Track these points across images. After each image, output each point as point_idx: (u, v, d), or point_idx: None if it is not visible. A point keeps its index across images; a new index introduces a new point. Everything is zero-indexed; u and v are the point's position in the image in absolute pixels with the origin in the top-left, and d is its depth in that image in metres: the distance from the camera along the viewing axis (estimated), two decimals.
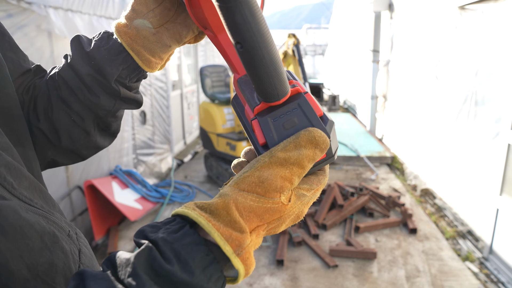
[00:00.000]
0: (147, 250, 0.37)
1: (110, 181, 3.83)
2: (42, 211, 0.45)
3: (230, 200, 0.40)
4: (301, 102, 0.44)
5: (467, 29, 3.84)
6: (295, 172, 0.41)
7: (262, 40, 0.38)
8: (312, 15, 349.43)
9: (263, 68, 0.40)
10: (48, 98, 0.66)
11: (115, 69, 0.63)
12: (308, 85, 4.53)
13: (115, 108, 0.68)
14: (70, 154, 0.71)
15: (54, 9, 2.94)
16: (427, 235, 3.66)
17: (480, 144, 3.52)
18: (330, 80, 15.35)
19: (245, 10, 0.35)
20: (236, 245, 0.38)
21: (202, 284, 0.37)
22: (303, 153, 0.41)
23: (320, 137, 0.42)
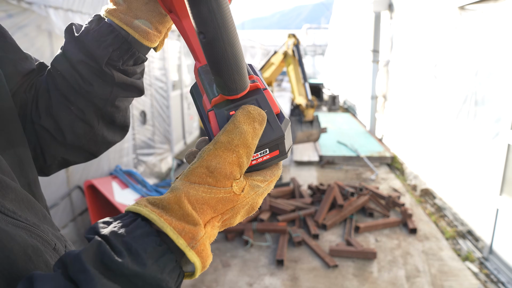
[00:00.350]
0: (95, 244, 0.36)
1: (110, 181, 3.83)
2: (26, 224, 0.44)
3: (181, 194, 0.39)
4: (259, 98, 0.44)
5: (467, 29, 3.84)
6: (242, 153, 0.41)
7: (226, 33, 0.37)
8: (312, 15, 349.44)
9: (224, 61, 0.39)
10: (48, 94, 0.64)
11: (104, 50, 0.60)
12: (308, 86, 4.53)
13: (112, 96, 0.64)
14: (79, 151, 0.68)
15: (54, 9, 2.94)
16: (427, 235, 3.66)
17: (480, 144, 3.52)
18: (330, 80, 15.36)
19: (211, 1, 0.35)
20: (190, 238, 0.38)
21: (156, 274, 0.36)
22: (244, 130, 0.41)
23: (254, 110, 0.42)
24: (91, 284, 0.33)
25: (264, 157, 0.45)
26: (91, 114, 0.65)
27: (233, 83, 0.41)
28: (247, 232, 3.57)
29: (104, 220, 0.40)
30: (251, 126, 0.41)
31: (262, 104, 0.44)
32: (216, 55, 0.39)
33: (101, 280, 0.33)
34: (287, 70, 4.77)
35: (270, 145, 0.44)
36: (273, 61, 4.94)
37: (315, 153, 6.30)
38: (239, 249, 3.43)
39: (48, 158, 0.66)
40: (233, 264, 3.20)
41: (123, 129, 0.72)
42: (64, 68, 0.62)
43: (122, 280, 0.34)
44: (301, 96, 4.53)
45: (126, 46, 0.61)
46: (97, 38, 0.60)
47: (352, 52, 10.27)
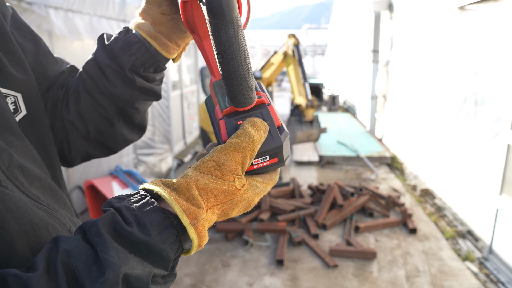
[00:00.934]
0: (110, 214, 0.42)
1: (110, 181, 3.83)
2: (47, 207, 0.51)
3: (191, 180, 0.46)
4: (264, 112, 0.51)
5: (467, 29, 3.85)
6: (247, 154, 0.47)
7: (240, 56, 0.45)
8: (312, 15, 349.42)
9: (237, 78, 0.46)
10: (78, 93, 0.73)
11: (129, 58, 0.68)
12: (308, 86, 4.53)
13: (133, 98, 0.72)
14: (100, 146, 0.77)
15: (54, 9, 2.94)
16: (427, 235, 3.66)
17: (480, 144, 3.53)
18: (330, 80, 15.36)
19: (230, 29, 0.42)
20: (193, 217, 0.44)
21: (158, 244, 0.42)
22: (252, 135, 0.48)
23: (259, 121, 0.49)
24: (104, 246, 0.39)
25: (264, 163, 0.51)
26: (113, 113, 0.73)
27: (242, 97, 0.49)
28: (247, 232, 3.57)
29: (118, 196, 0.46)
30: (258, 133, 0.48)
31: (265, 117, 0.51)
32: (230, 72, 0.46)
33: (112, 243, 0.39)
34: (287, 70, 4.77)
35: (270, 153, 0.51)
36: (273, 61, 4.94)
37: (315, 153, 6.30)
38: (239, 249, 3.43)
39: (73, 150, 0.75)
40: (233, 264, 3.20)
41: (141, 129, 0.81)
42: (93, 71, 0.71)
43: (130, 246, 0.41)
44: (301, 96, 4.53)
45: (148, 55, 0.69)
46: (124, 47, 0.69)
47: (352, 52, 10.27)
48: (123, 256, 0.39)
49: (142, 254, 0.41)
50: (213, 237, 3.61)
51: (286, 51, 4.65)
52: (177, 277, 3.14)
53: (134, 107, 0.74)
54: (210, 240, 3.57)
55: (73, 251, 0.38)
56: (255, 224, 3.67)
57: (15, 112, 0.58)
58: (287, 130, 0.52)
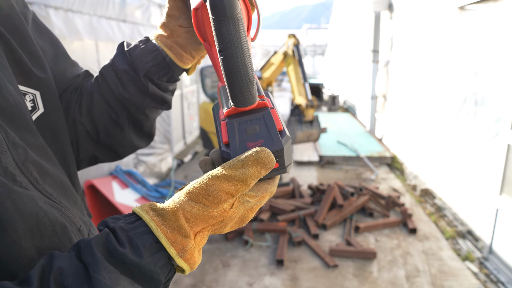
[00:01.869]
0: (104, 234, 0.42)
1: (110, 181, 3.83)
2: (59, 205, 0.53)
3: (179, 208, 0.45)
4: (265, 114, 0.50)
5: (467, 29, 3.85)
6: (239, 188, 0.46)
7: (240, 52, 0.45)
8: (312, 15, 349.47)
9: (237, 76, 0.46)
10: (92, 96, 0.75)
11: (145, 65, 0.71)
12: (308, 86, 4.53)
13: (144, 104, 0.75)
14: (108, 150, 0.80)
15: (54, 9, 2.94)
16: (427, 235, 3.66)
17: (480, 144, 3.53)
18: (330, 80, 15.36)
19: (230, 25, 0.43)
20: (180, 248, 0.44)
21: (150, 266, 0.42)
22: (248, 172, 0.45)
23: (267, 157, 0.46)
24: (96, 266, 0.39)
25: None
26: (124, 118, 0.76)
27: (242, 95, 0.48)
28: (247, 232, 3.57)
29: (114, 217, 0.47)
30: (257, 171, 0.46)
31: (267, 120, 0.50)
32: (230, 69, 0.46)
33: (104, 263, 0.40)
34: (287, 70, 4.77)
35: None
36: (273, 61, 4.93)
37: (315, 153, 6.30)
38: (239, 249, 3.43)
39: (81, 152, 0.77)
40: (233, 264, 3.21)
41: (149, 137, 0.83)
42: (109, 75, 0.74)
43: (122, 266, 0.41)
44: (301, 96, 4.53)
45: (164, 64, 0.72)
46: (142, 54, 0.72)
47: (352, 52, 10.27)
48: (114, 277, 0.40)
49: (134, 276, 0.42)
50: (213, 237, 3.61)
51: (286, 51, 4.65)
52: (177, 277, 3.13)
53: (144, 114, 0.77)
54: (210, 240, 3.57)
55: (66, 269, 0.39)
56: (255, 224, 3.67)
57: (33, 110, 0.60)
58: (289, 135, 0.51)
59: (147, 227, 0.44)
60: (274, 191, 0.52)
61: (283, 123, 0.52)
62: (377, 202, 4.24)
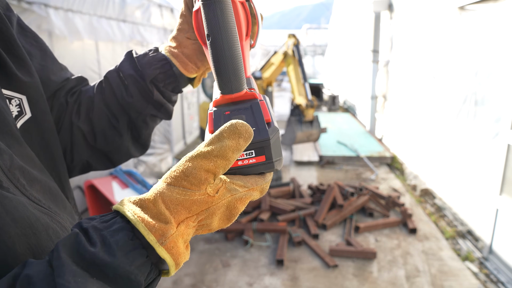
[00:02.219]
0: (73, 235, 0.39)
1: (110, 181, 3.83)
2: (49, 210, 0.51)
3: (157, 195, 0.42)
4: (254, 105, 0.49)
5: (467, 29, 3.85)
6: (219, 164, 0.43)
7: (226, 36, 0.45)
8: (312, 15, 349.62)
9: (222, 60, 0.46)
10: (92, 101, 0.75)
11: (153, 71, 0.73)
12: (308, 86, 4.53)
13: (146, 111, 0.75)
14: (103, 157, 0.79)
15: (54, 9, 2.94)
16: (427, 235, 3.66)
17: (480, 144, 3.53)
18: (330, 80, 15.36)
19: (217, 8, 0.45)
20: (160, 235, 0.40)
21: (124, 266, 0.38)
22: (225, 145, 0.43)
23: (242, 127, 0.43)
24: (61, 270, 0.36)
25: (250, 160, 0.47)
26: (123, 123, 0.76)
27: (228, 81, 0.47)
28: (247, 232, 3.57)
29: (91, 217, 0.43)
30: (235, 141, 0.43)
31: (254, 110, 0.48)
32: (217, 53, 0.46)
33: (70, 267, 0.36)
34: (287, 70, 4.77)
35: (256, 147, 0.47)
36: (273, 61, 4.93)
37: (315, 153, 6.30)
38: (239, 249, 3.43)
39: (75, 158, 0.76)
40: (233, 264, 3.21)
41: (144, 147, 0.84)
42: (114, 79, 0.75)
43: (93, 268, 0.37)
44: (301, 96, 4.53)
45: (171, 73, 0.75)
46: (151, 61, 0.74)
47: (352, 52, 10.27)
48: (80, 281, 0.36)
49: (108, 278, 0.38)
50: (213, 237, 3.61)
51: (286, 51, 4.65)
52: (177, 277, 3.14)
53: (144, 121, 0.77)
54: (210, 240, 3.58)
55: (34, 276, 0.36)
56: (255, 224, 3.67)
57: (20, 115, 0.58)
58: (277, 127, 0.48)
59: (123, 223, 0.40)
60: (266, 188, 0.49)
61: (272, 115, 0.50)
62: (377, 202, 4.24)
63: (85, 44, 3.53)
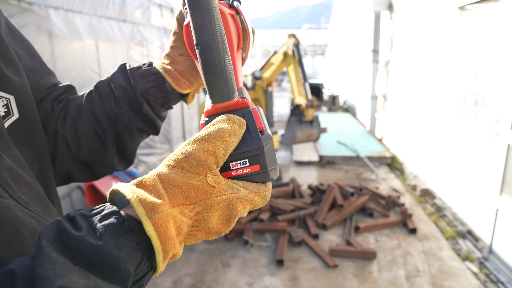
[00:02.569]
0: (55, 223, 0.36)
1: (110, 181, 3.83)
2: (36, 214, 0.48)
3: (155, 173, 0.42)
4: (246, 113, 0.49)
5: (467, 29, 3.85)
6: (218, 145, 0.43)
7: (215, 43, 0.45)
8: (312, 15, 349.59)
9: (212, 67, 0.46)
10: (80, 110, 0.74)
11: (144, 84, 0.73)
12: (308, 86, 4.53)
13: (133, 123, 0.74)
14: (86, 168, 0.76)
15: (54, 9, 2.94)
16: (427, 235, 3.66)
17: (480, 144, 3.53)
18: (330, 80, 15.36)
19: (205, 16, 0.44)
20: (150, 208, 0.38)
21: (112, 251, 0.35)
22: (221, 126, 0.44)
23: (234, 116, 0.46)
24: (40, 259, 0.33)
25: (244, 170, 0.47)
26: (110, 135, 0.74)
27: (219, 89, 0.47)
28: (247, 232, 3.57)
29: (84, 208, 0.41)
30: (230, 125, 0.45)
31: (247, 118, 0.48)
32: (206, 61, 0.46)
33: (50, 254, 0.33)
34: (287, 70, 4.77)
35: (249, 155, 0.46)
36: (273, 61, 4.93)
37: (315, 153, 6.30)
38: (239, 249, 3.43)
39: (57, 167, 0.73)
40: (233, 264, 3.21)
41: (128, 161, 0.81)
42: (104, 89, 0.74)
43: (77, 256, 0.34)
44: (301, 96, 4.53)
45: (162, 88, 0.74)
46: (144, 74, 0.73)
47: (352, 52, 10.27)
48: (60, 268, 0.33)
49: (93, 266, 0.34)
50: None
51: (286, 51, 4.65)
52: (177, 277, 3.13)
53: (131, 134, 0.75)
54: (210, 240, 3.58)
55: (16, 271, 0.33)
56: (255, 224, 3.67)
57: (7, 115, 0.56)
58: (270, 134, 0.48)
59: (112, 209, 0.38)
60: (268, 195, 0.48)
61: (265, 123, 0.50)
62: (377, 202, 4.24)
63: (85, 44, 3.53)
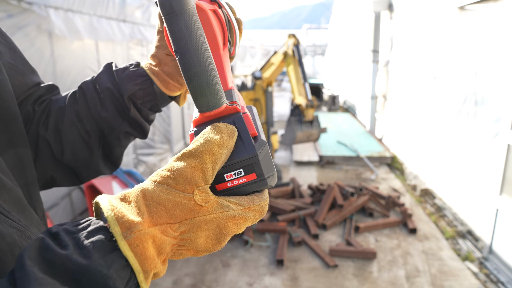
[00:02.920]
0: (38, 240, 0.34)
1: (110, 181, 3.83)
2: (19, 224, 0.45)
3: (139, 189, 0.39)
4: (236, 119, 0.45)
5: (467, 29, 3.85)
6: (206, 159, 0.40)
7: (194, 50, 0.41)
8: (312, 15, 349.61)
9: (195, 76, 0.42)
10: (63, 112, 0.69)
11: (132, 87, 0.69)
12: (308, 86, 4.53)
13: (120, 127, 0.70)
14: (70, 173, 0.72)
15: (54, 9, 2.94)
16: (427, 235, 3.66)
17: (480, 144, 3.53)
18: (330, 80, 15.36)
19: (180, 21, 0.41)
20: (126, 227, 0.35)
21: (101, 269, 0.33)
22: (209, 138, 0.41)
23: (223, 125, 0.43)
24: (24, 280, 0.31)
25: (240, 180, 0.44)
26: (95, 139, 0.70)
27: (204, 98, 0.44)
28: (247, 232, 3.57)
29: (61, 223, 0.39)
30: (219, 136, 0.41)
31: (238, 125, 0.45)
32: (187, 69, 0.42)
33: (36, 275, 0.31)
34: (287, 70, 4.77)
35: (244, 165, 0.43)
36: (273, 61, 4.94)
37: (315, 153, 6.30)
38: (239, 249, 3.43)
39: (39, 172, 0.68)
40: (233, 264, 3.21)
41: (114, 165, 0.77)
42: (89, 91, 0.70)
43: (64, 275, 0.32)
44: (301, 96, 4.53)
45: (151, 91, 0.71)
46: (131, 76, 0.70)
47: (352, 52, 10.27)
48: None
49: (81, 286, 0.33)
50: None
51: (286, 51, 4.65)
52: (177, 277, 3.13)
53: (118, 138, 0.72)
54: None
55: None
56: (255, 224, 3.67)
57: None
58: (264, 140, 0.45)
59: (99, 224, 0.36)
60: (265, 208, 0.45)
61: (258, 128, 0.47)
62: (377, 202, 4.24)
63: (85, 44, 3.53)
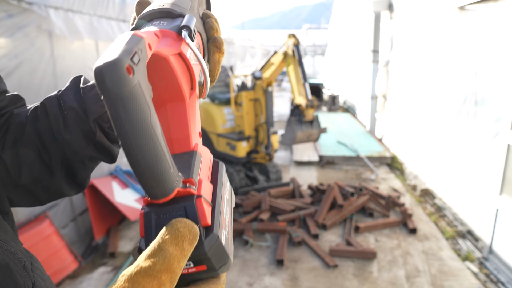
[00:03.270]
0: None
1: (110, 181, 3.83)
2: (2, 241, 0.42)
3: None
4: (188, 207, 0.40)
5: (467, 29, 3.85)
6: (164, 279, 0.36)
7: (136, 140, 0.35)
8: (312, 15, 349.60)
9: (138, 167, 0.37)
10: (23, 129, 0.62)
11: (98, 108, 0.61)
12: (308, 86, 4.54)
13: (85, 152, 0.63)
14: (28, 195, 0.65)
15: (54, 9, 2.94)
16: (427, 235, 3.66)
17: (480, 144, 3.53)
18: (330, 80, 15.37)
19: (118, 106, 0.33)
20: None
21: None
22: (169, 254, 0.36)
23: (185, 227, 0.37)
24: None
25: (190, 270, 0.40)
26: (57, 162, 0.63)
27: (151, 188, 0.39)
28: (247, 232, 3.57)
29: None
30: (179, 247, 0.37)
31: (189, 214, 0.40)
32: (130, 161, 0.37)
33: None
34: (287, 70, 4.77)
35: (193, 259, 0.40)
36: (273, 61, 4.94)
37: (315, 153, 6.30)
38: (239, 249, 3.43)
39: None
40: (233, 264, 3.20)
41: (80, 187, 0.70)
42: (52, 109, 0.62)
43: None
44: (301, 96, 4.53)
45: None
46: (97, 96, 0.61)
47: (352, 52, 10.28)
48: None
49: None
50: None
51: (286, 51, 4.65)
52: None
53: (82, 162, 0.64)
54: None
55: None
56: (255, 224, 3.67)
57: None
58: (216, 233, 0.41)
59: None
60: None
61: (215, 215, 0.42)
62: (377, 202, 4.24)
63: (85, 44, 3.53)
